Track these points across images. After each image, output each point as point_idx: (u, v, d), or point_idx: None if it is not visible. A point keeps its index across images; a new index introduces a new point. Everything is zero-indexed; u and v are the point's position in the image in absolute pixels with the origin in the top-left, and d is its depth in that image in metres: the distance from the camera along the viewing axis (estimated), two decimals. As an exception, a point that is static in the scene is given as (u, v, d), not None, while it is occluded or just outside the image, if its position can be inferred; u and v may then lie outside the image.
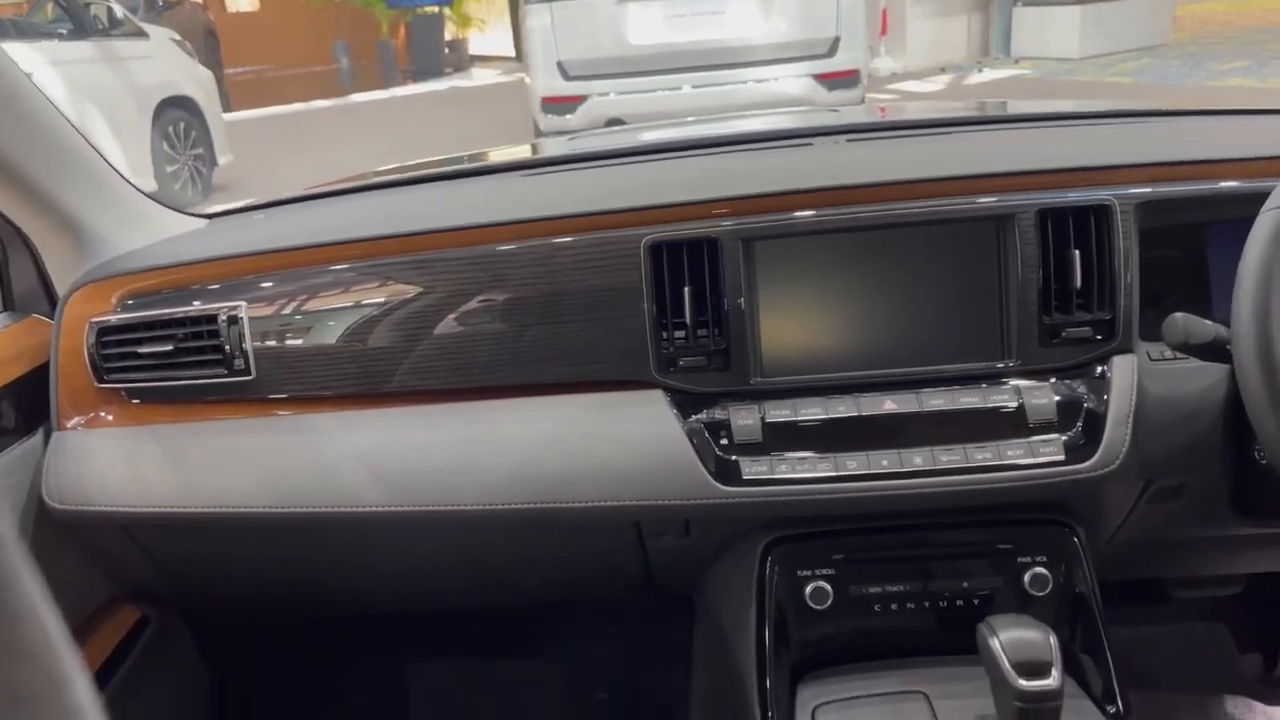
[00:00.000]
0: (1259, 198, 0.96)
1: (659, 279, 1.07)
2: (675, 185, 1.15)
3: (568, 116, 5.40)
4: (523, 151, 1.83)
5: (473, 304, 1.11)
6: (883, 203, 1.08)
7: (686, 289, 1.06)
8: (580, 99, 5.39)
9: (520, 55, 8.42)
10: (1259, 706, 1.72)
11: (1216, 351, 0.97)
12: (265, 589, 1.39)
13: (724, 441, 1.07)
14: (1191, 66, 9.24)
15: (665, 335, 1.08)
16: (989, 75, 9.78)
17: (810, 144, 1.35)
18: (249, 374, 1.13)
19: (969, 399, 1.06)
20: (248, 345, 1.13)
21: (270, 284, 1.14)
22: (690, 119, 2.26)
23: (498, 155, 1.77)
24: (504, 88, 11.50)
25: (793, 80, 5.28)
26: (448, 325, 1.11)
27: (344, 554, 1.27)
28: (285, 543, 1.24)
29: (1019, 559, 1.11)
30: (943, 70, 9.97)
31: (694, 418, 1.08)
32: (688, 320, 1.07)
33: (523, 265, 1.09)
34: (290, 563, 1.30)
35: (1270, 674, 1.81)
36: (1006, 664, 0.88)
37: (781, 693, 1.10)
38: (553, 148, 1.95)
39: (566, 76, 5.38)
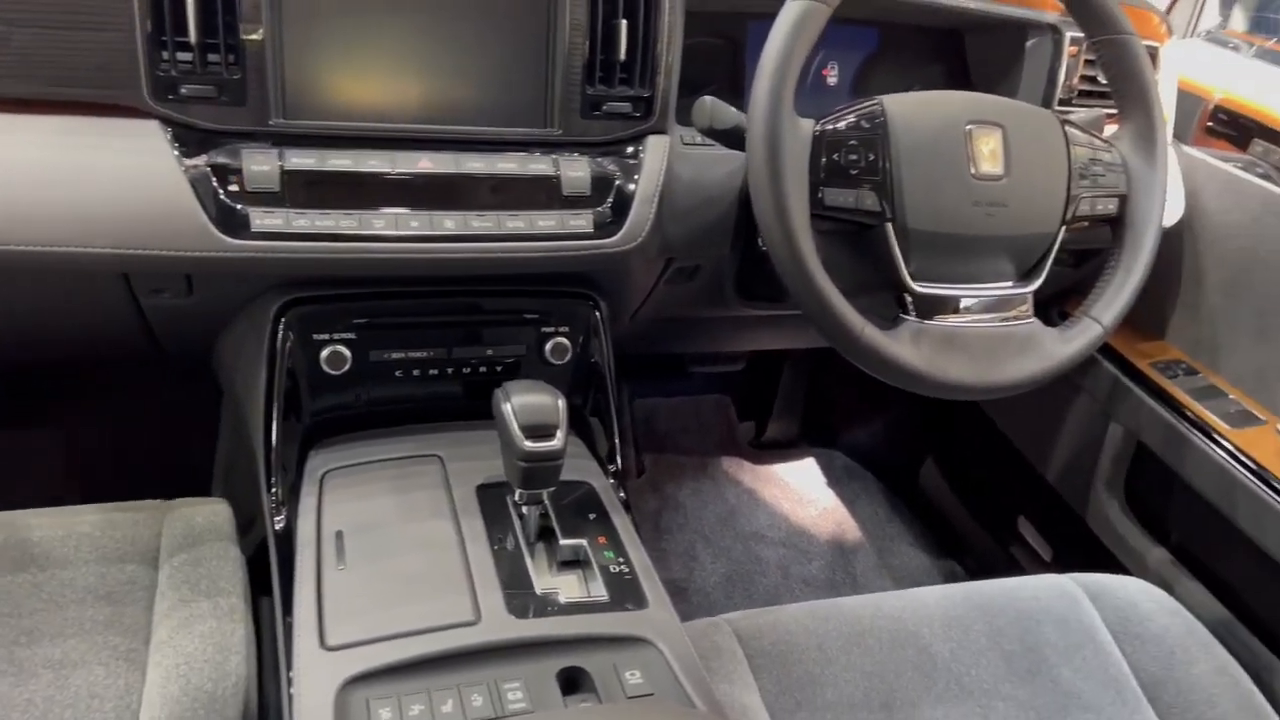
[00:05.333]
0: None
1: None
2: None
3: None
4: None
5: None
6: None
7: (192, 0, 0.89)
8: None
9: None
10: (748, 465, 2.00)
11: (737, 138, 1.01)
12: None
13: (233, 188, 0.93)
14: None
15: (165, 55, 0.90)
16: None
17: None
18: None
19: (507, 165, 1.02)
20: None
21: None
22: None
23: None
24: None
25: None
26: None
27: None
28: None
29: (542, 329, 1.13)
30: None
31: (197, 157, 0.93)
32: (192, 40, 0.90)
33: None
34: None
35: (760, 438, 2.10)
36: (515, 426, 0.90)
37: (290, 459, 1.05)
38: None
39: None
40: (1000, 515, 1.78)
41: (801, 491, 1.97)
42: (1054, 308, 1.49)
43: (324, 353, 1.05)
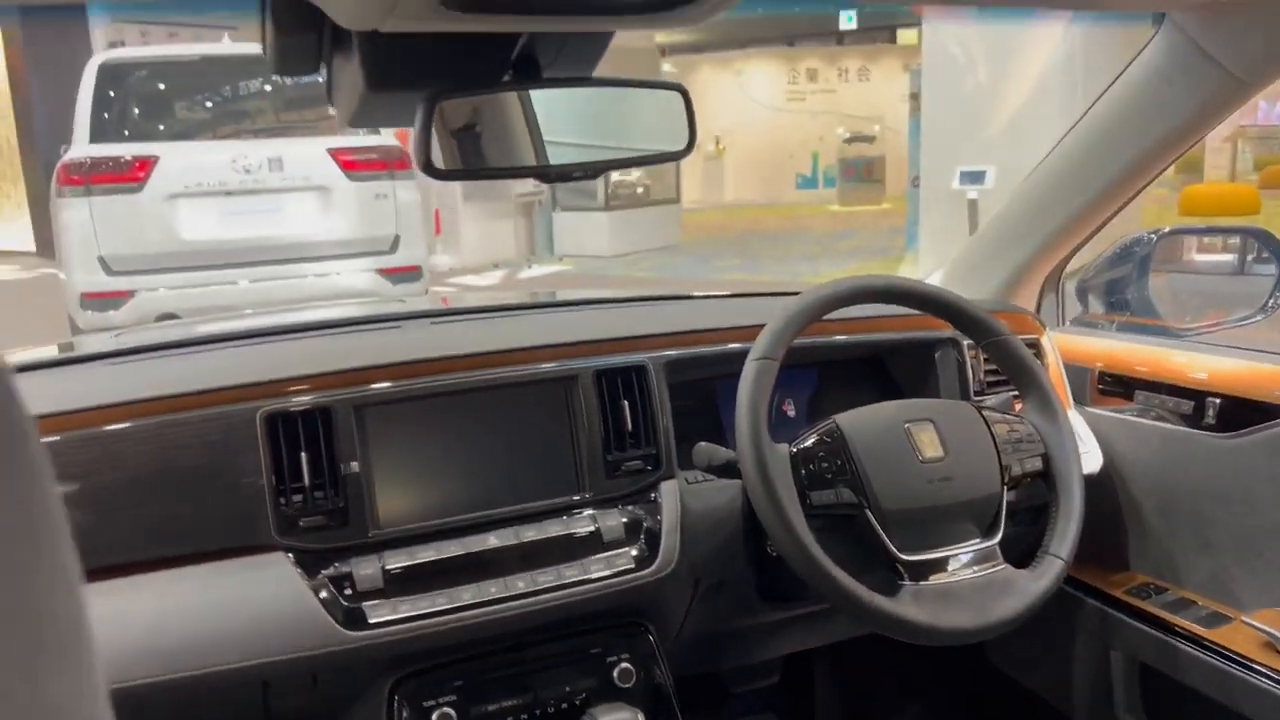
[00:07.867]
0: (746, 355, 1.30)
1: (276, 448, 1.17)
2: (286, 363, 1.27)
3: (111, 312, 5.11)
4: (105, 342, 1.80)
5: (82, 485, 1.11)
6: (471, 370, 1.29)
7: (304, 455, 1.17)
8: (127, 294, 5.15)
9: (42, 249, 7.72)
10: (805, 779, 2.06)
11: (732, 470, 1.28)
12: None
13: (348, 591, 1.16)
14: (699, 263, 11.03)
15: (284, 500, 1.17)
16: (537, 270, 10.89)
17: (399, 326, 1.54)
18: None
19: (556, 528, 1.27)
20: None
21: None
22: (271, 310, 2.34)
23: (86, 346, 1.73)
24: (25, 285, 10.48)
25: (357, 275, 5.49)
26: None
27: None
28: None
29: (608, 659, 1.32)
30: (496, 266, 10.84)
31: (318, 574, 1.17)
32: (306, 484, 1.17)
33: (137, 443, 1.13)
34: None
35: (810, 749, 2.17)
36: None
37: None
38: (141, 336, 1.92)
39: (110, 272, 5.12)
40: (1049, 768, 1.86)
41: (862, 795, 2.03)
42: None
43: (434, 716, 1.22)
